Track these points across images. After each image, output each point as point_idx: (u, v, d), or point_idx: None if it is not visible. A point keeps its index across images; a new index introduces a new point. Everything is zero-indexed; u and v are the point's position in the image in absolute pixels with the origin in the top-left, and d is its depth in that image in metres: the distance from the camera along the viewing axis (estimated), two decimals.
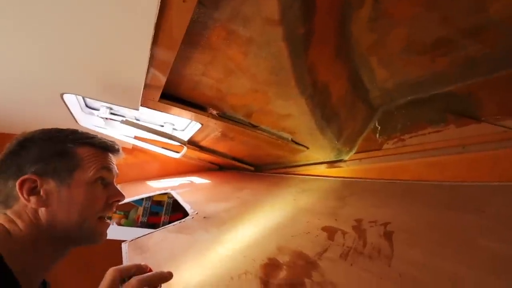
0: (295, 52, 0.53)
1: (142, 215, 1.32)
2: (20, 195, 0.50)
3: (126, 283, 0.39)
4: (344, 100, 0.77)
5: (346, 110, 0.81)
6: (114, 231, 1.13)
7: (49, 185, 0.51)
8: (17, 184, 0.51)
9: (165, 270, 0.46)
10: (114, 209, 0.57)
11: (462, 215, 0.49)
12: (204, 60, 0.61)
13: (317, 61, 0.59)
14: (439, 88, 0.74)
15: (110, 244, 1.12)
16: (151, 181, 1.46)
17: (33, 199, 0.50)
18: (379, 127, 0.87)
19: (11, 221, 0.50)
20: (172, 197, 1.36)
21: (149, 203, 1.35)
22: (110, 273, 0.43)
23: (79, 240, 0.54)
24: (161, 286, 0.44)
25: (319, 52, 0.57)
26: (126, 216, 1.40)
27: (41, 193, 0.51)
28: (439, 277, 0.36)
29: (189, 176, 1.47)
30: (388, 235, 0.48)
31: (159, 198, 1.38)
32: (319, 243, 0.52)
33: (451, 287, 0.33)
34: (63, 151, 0.54)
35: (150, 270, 0.45)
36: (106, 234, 0.57)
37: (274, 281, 0.43)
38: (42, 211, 0.50)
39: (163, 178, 1.52)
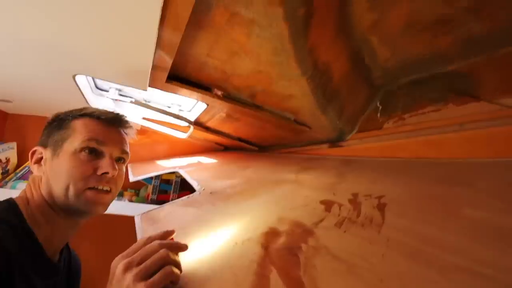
0: (295, 33, 0.54)
1: (152, 193, 1.39)
2: (30, 164, 0.57)
3: (149, 244, 0.43)
4: (346, 80, 0.79)
5: (347, 90, 0.82)
6: (126, 208, 1.20)
7: (47, 155, 0.57)
8: (29, 154, 0.58)
9: (175, 238, 0.51)
10: (107, 182, 0.58)
11: (452, 188, 0.52)
12: (209, 40, 0.63)
13: (317, 41, 0.60)
14: (440, 67, 0.74)
15: (123, 220, 1.20)
16: (160, 160, 1.52)
17: (35, 167, 0.57)
18: (381, 107, 0.89)
19: (29, 189, 0.57)
20: (180, 176, 1.42)
21: (158, 182, 1.41)
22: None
23: (74, 210, 0.56)
24: (178, 255, 0.48)
25: (319, 32, 0.58)
26: (136, 194, 1.47)
27: (41, 162, 0.57)
28: (423, 241, 0.39)
29: (196, 156, 1.52)
30: (381, 207, 0.52)
31: (167, 177, 1.44)
32: (316, 214, 0.56)
33: (432, 248, 0.37)
34: (62, 124, 0.59)
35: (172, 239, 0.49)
36: (101, 204, 0.58)
37: (274, 245, 0.48)
38: (42, 179, 0.57)
39: (171, 158, 1.58)
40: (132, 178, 1.25)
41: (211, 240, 0.56)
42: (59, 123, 0.59)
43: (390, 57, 0.76)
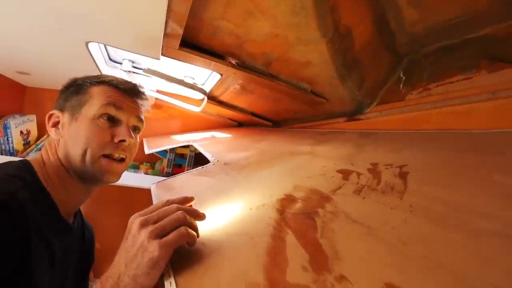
0: None
1: (167, 166, 1.41)
2: (47, 127, 0.58)
3: (168, 206, 0.43)
4: (368, 46, 0.74)
5: (369, 58, 0.77)
6: (142, 180, 1.23)
7: (65, 119, 0.58)
8: (46, 118, 0.58)
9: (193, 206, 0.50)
10: (122, 150, 0.58)
11: (481, 157, 0.48)
12: (223, 0, 0.59)
13: None
14: (474, 31, 0.68)
15: (140, 192, 1.23)
16: (175, 135, 1.53)
17: (53, 130, 0.58)
18: (404, 78, 0.84)
19: (45, 151, 0.57)
20: (194, 150, 1.43)
21: (173, 156, 1.43)
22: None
23: (88, 176, 0.57)
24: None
25: None
26: (152, 167, 1.50)
27: (59, 125, 0.58)
28: (449, 207, 0.37)
29: (210, 131, 1.52)
30: (402, 175, 0.50)
31: (182, 151, 1.46)
32: (334, 182, 0.54)
33: (459, 213, 0.35)
34: (79, 89, 0.59)
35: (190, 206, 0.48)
36: (114, 173, 0.58)
37: (290, 210, 0.47)
38: (60, 142, 0.57)
39: (185, 133, 1.59)
40: (147, 151, 1.27)
41: (225, 207, 0.56)
42: (76, 88, 0.59)
43: (418, 20, 0.70)
